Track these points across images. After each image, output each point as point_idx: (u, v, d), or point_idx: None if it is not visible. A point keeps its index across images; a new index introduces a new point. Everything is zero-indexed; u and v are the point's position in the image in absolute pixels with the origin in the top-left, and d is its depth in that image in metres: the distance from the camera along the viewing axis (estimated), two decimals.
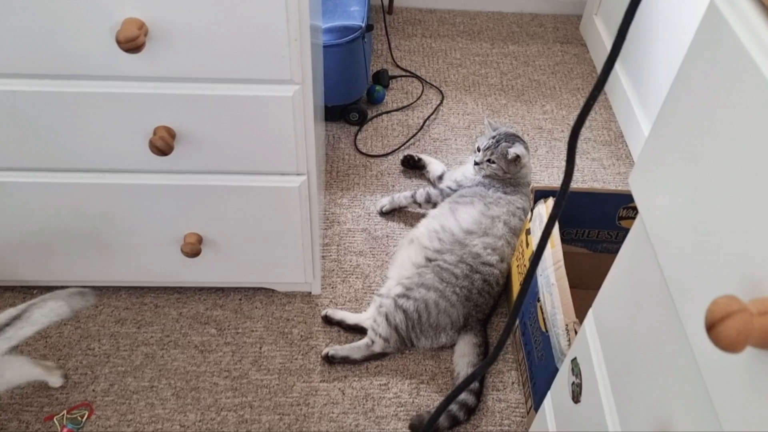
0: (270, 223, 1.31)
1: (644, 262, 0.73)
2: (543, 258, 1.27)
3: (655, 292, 0.70)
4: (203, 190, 1.23)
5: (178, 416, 1.32)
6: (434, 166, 1.80)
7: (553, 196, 1.34)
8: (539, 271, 1.28)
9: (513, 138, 1.63)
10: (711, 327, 0.47)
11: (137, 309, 1.50)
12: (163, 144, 1.08)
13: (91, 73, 1.03)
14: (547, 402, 1.10)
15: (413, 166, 1.83)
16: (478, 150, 1.63)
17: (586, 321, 0.94)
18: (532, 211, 1.38)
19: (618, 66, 2.07)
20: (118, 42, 0.92)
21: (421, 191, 1.70)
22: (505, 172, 1.59)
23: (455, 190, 1.65)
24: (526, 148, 1.62)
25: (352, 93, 1.90)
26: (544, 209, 1.34)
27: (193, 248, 1.30)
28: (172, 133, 1.11)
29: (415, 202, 1.71)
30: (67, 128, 1.11)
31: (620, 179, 1.86)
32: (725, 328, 0.46)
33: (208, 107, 1.08)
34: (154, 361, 1.41)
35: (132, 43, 0.92)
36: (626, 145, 1.96)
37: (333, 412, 1.35)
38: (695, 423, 0.62)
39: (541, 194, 1.36)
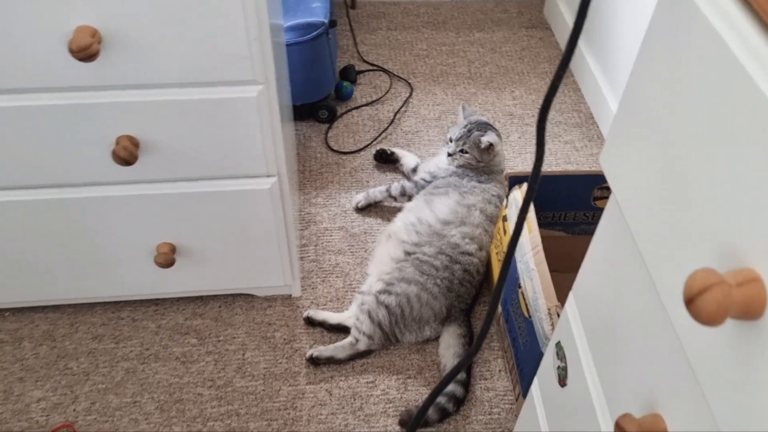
0: (244, 227, 1.29)
1: (620, 241, 0.72)
2: (521, 244, 1.27)
3: (632, 270, 0.70)
4: (172, 198, 1.20)
5: (164, 430, 1.30)
6: (407, 159, 1.79)
7: (527, 182, 1.33)
8: (518, 256, 1.27)
9: (485, 126, 1.62)
10: (690, 301, 0.46)
11: (114, 324, 1.46)
12: (126, 154, 1.06)
13: (45, 85, 1.00)
14: (535, 387, 1.10)
15: (386, 161, 1.82)
16: (450, 141, 1.62)
17: (567, 304, 0.93)
18: (507, 197, 1.38)
19: (583, 47, 2.07)
20: (71, 51, 0.89)
21: (396, 185, 1.68)
22: (478, 161, 1.59)
23: (430, 182, 1.64)
24: (499, 135, 1.61)
25: (319, 90, 1.88)
26: (519, 195, 1.33)
27: (166, 258, 1.27)
28: (135, 142, 1.08)
29: (390, 196, 1.70)
30: (25, 144, 1.08)
31: (593, 160, 1.87)
32: (704, 302, 0.45)
33: (170, 113, 1.06)
34: (135, 376, 1.38)
35: (85, 51, 0.89)
36: (597, 126, 1.97)
37: (321, 414, 1.34)
38: (681, 401, 0.61)
39: (515, 180, 1.35)
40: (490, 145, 1.56)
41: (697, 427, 0.59)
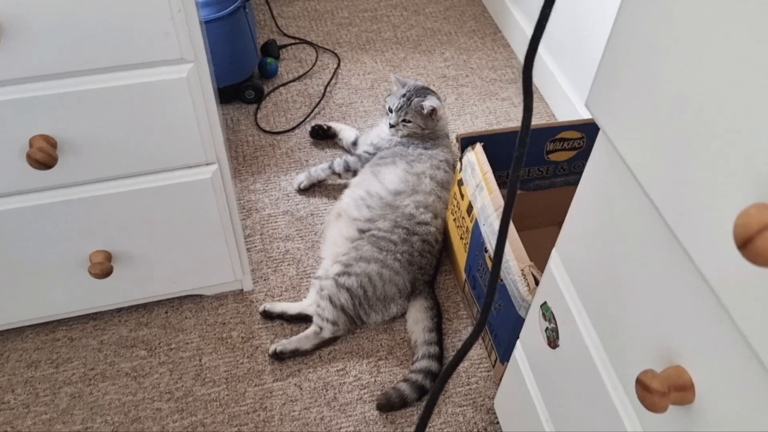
0: (186, 223, 1.18)
1: (616, 183, 0.67)
2: (483, 206, 1.22)
3: (632, 217, 0.65)
4: (102, 200, 1.08)
5: None
6: (346, 132, 1.71)
7: (480, 142, 1.29)
8: (481, 220, 1.23)
9: (423, 91, 1.56)
10: (745, 243, 0.41)
11: (50, 347, 1.32)
12: (43, 156, 0.92)
13: None
14: (518, 352, 1.06)
15: (324, 136, 1.73)
16: (390, 111, 1.55)
17: (551, 262, 0.89)
18: (461, 160, 1.32)
19: (509, 1, 2.04)
20: None
21: (339, 160, 1.60)
22: (423, 128, 1.53)
23: (373, 154, 1.57)
24: (439, 98, 1.56)
25: (243, 70, 1.76)
26: (473, 156, 1.28)
27: (102, 268, 1.15)
28: (52, 142, 0.95)
29: (333, 173, 1.61)
30: None
31: (535, 115, 1.84)
32: (765, 241, 0.40)
33: (90, 104, 0.93)
34: (83, 400, 1.25)
35: None
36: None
37: (294, 411, 1.26)
38: (705, 349, 0.58)
39: (467, 141, 1.30)
40: (433, 110, 1.50)
41: (727, 375, 0.56)
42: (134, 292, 1.31)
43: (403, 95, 1.54)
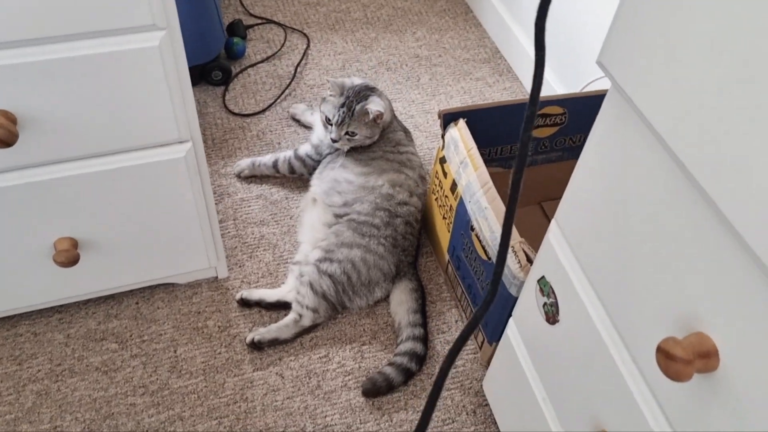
0: (158, 206, 1.11)
1: (628, 148, 0.64)
2: (468, 183, 1.19)
3: (649, 177, 0.62)
4: (68, 182, 1.00)
5: None
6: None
7: (462, 117, 1.25)
8: (467, 197, 1.19)
9: (364, 91, 1.38)
10: None
11: (11, 343, 1.24)
12: (2, 132, 0.85)
13: None
14: (511, 330, 1.03)
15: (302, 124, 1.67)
16: (329, 122, 1.38)
17: (549, 234, 0.86)
18: (443, 137, 1.28)
19: None
20: None
21: (283, 161, 1.51)
22: (371, 137, 1.38)
23: (317, 160, 1.47)
24: (382, 97, 1.41)
25: (209, 50, 1.68)
26: (456, 133, 1.24)
27: (68, 256, 1.07)
28: (11, 118, 0.87)
29: (278, 172, 1.53)
30: None
31: (508, 94, 1.82)
32: None
33: (54, 76, 0.86)
34: (50, 398, 1.18)
35: None
36: (505, 60, 1.92)
37: (276, 400, 1.21)
38: (731, 308, 0.55)
39: (450, 117, 1.26)
40: (380, 114, 1.34)
41: (754, 339, 0.53)
42: (102, 282, 1.23)
43: (342, 104, 1.35)
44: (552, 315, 0.88)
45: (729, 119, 0.49)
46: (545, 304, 0.89)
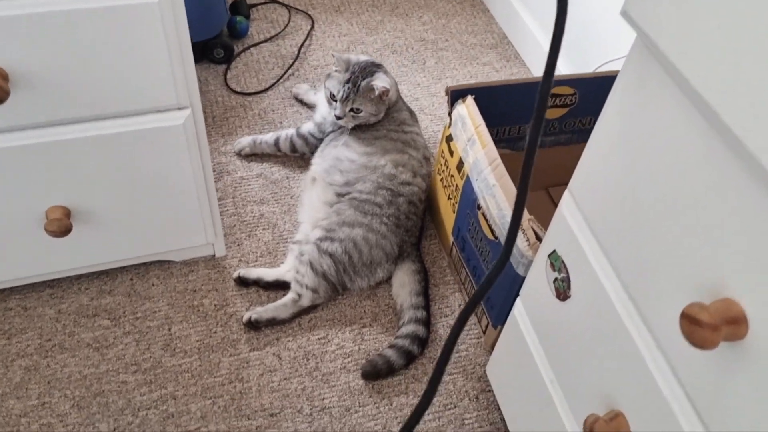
0: (155, 176, 1.07)
1: (656, 107, 0.61)
2: (476, 161, 1.15)
3: (679, 137, 0.58)
4: (61, 147, 0.97)
5: (87, 430, 1.08)
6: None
7: (471, 94, 1.21)
8: (473, 175, 1.15)
9: (370, 68, 1.35)
10: None
11: (1, 317, 1.20)
12: None
13: None
14: (518, 310, 0.99)
15: (304, 103, 1.63)
16: (333, 98, 1.35)
17: (562, 205, 0.82)
18: (450, 114, 1.25)
19: None
20: None
21: (285, 139, 1.47)
22: (376, 114, 1.35)
23: (320, 138, 1.43)
24: (388, 74, 1.38)
25: (211, 26, 1.64)
26: (464, 109, 1.21)
27: (60, 225, 1.04)
28: (3, 74, 0.84)
29: (279, 150, 1.49)
30: None
31: (515, 74, 1.78)
32: None
33: (48, 29, 0.82)
34: (39, 373, 1.14)
35: None
36: (512, 46, 1.88)
37: (273, 381, 1.17)
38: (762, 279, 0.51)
39: (458, 94, 1.22)
40: (386, 90, 1.31)
41: None
42: (96, 256, 1.19)
43: (348, 80, 1.32)
44: (563, 290, 0.84)
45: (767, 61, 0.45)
46: (556, 279, 0.85)
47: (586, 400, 0.82)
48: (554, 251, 0.85)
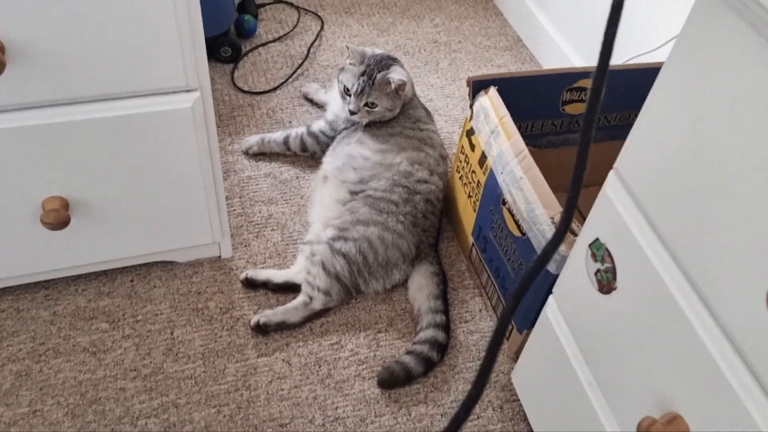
0: (159, 165, 1.00)
1: (723, 64, 0.54)
2: (500, 153, 1.08)
3: (756, 98, 0.52)
4: (60, 130, 0.90)
5: None
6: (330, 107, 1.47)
7: (493, 85, 1.15)
8: (498, 168, 1.09)
9: (386, 60, 1.30)
10: None
11: None
12: None
13: None
14: (550, 310, 0.91)
15: (313, 103, 1.57)
16: (347, 92, 1.29)
17: (607, 187, 0.75)
18: (471, 107, 1.18)
19: None
20: None
21: (294, 137, 1.41)
22: (391, 110, 1.29)
23: (331, 137, 1.38)
24: (404, 68, 1.33)
25: (218, 23, 1.59)
26: (486, 101, 1.14)
27: (57, 216, 0.97)
28: None
29: (288, 149, 1.43)
30: None
31: (531, 68, 1.72)
32: None
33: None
34: (30, 379, 1.06)
35: None
36: (527, 49, 1.83)
37: (282, 389, 1.09)
38: None
39: (479, 85, 1.16)
40: (402, 83, 1.25)
41: None
42: (95, 254, 1.12)
43: (362, 73, 1.26)
44: (607, 282, 0.77)
45: None
46: (598, 270, 0.78)
47: (634, 403, 0.74)
48: (596, 239, 0.78)
